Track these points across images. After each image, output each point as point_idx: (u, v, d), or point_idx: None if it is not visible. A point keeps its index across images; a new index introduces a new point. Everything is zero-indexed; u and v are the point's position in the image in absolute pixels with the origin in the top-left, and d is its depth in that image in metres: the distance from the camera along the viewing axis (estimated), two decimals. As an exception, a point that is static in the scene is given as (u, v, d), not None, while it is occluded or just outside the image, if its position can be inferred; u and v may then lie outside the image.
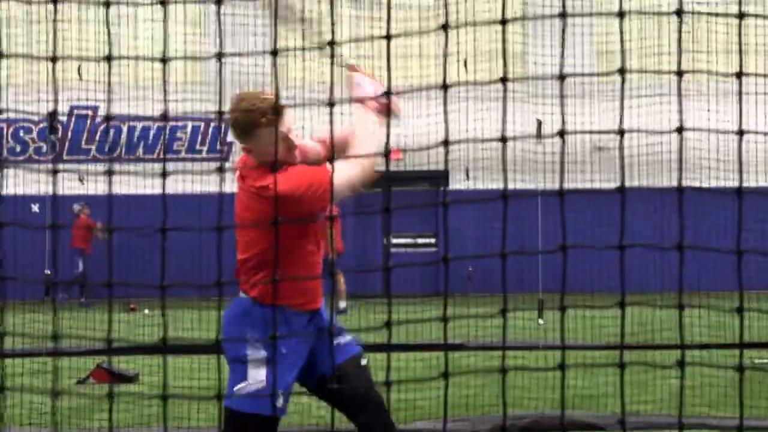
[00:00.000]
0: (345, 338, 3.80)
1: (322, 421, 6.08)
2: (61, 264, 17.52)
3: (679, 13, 2.81)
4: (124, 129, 19.00)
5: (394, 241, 19.39)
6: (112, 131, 18.85)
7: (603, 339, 9.59)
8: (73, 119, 18.98)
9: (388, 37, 2.56)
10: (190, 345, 8.59)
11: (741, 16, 2.82)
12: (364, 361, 3.76)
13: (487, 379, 7.20)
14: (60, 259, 17.56)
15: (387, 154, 2.91)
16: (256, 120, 3.62)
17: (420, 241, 19.43)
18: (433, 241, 19.44)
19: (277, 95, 3.47)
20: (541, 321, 11.68)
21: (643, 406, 6.49)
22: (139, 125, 18.83)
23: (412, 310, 12.34)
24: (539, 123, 16.48)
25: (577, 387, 7.01)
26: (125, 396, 6.64)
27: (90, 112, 18.85)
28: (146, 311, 14.97)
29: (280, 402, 3.58)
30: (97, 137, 19.09)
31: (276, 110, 3.60)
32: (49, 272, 17.31)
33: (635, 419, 6.00)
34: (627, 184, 16.24)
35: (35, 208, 17.82)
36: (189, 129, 19.18)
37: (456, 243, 17.33)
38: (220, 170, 2.93)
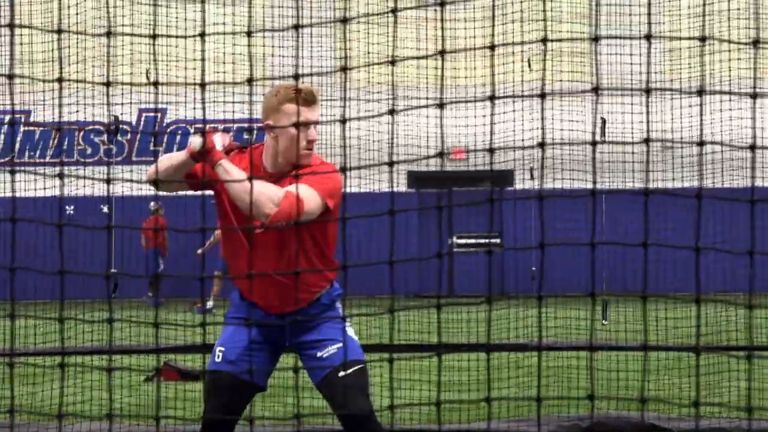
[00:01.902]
0: (327, 350, 3.83)
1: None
2: (130, 264, 17.83)
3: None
4: (191, 131, 19.29)
5: (459, 241, 19.36)
6: (179, 132, 19.15)
7: (670, 340, 9.47)
8: (142, 121, 19.33)
9: (426, 57, 2.58)
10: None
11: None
12: (342, 373, 3.78)
13: (550, 379, 7.18)
14: (129, 257, 17.87)
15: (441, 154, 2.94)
16: None
17: (484, 241, 19.38)
18: (498, 240, 19.37)
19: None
20: (604, 321, 11.60)
21: (712, 409, 6.40)
22: (206, 128, 19.10)
23: (475, 309, 12.31)
24: (603, 121, 16.34)
25: (643, 388, 6.94)
26: (192, 393, 6.76)
27: (158, 115, 19.17)
28: (213, 310, 15.19)
29: (216, 357, 3.93)
30: (165, 139, 19.41)
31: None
32: (114, 270, 17.63)
33: (703, 423, 5.93)
34: (695, 184, 16.01)
35: (105, 208, 18.18)
36: (256, 131, 19.40)
37: (521, 243, 17.25)
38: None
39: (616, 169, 14.58)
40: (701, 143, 2.77)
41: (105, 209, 18.20)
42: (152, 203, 17.52)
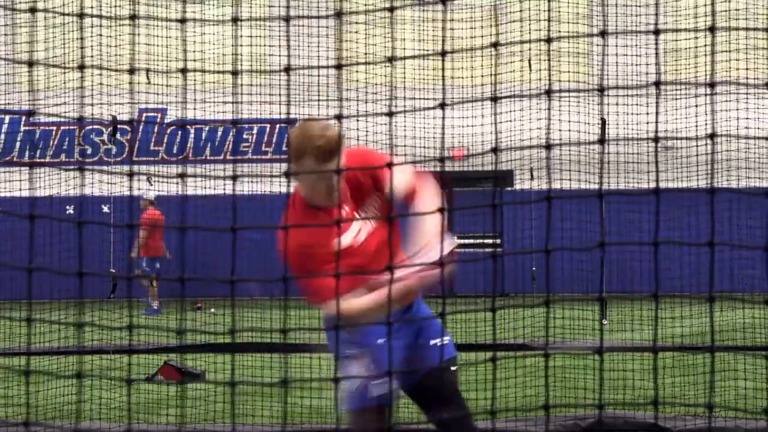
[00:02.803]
0: (445, 339, 3.85)
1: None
2: (126, 264, 17.85)
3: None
4: (192, 131, 19.30)
5: (459, 241, 19.37)
6: (180, 133, 19.17)
7: (669, 340, 9.49)
8: (142, 122, 19.34)
9: (443, 54, 2.60)
10: (257, 343, 8.71)
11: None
12: (454, 367, 3.82)
13: (549, 379, 7.17)
14: (123, 258, 17.90)
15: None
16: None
17: (485, 241, 19.38)
18: (498, 241, 19.37)
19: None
20: (605, 321, 11.60)
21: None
22: (206, 128, 19.11)
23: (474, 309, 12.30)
24: (603, 122, 16.36)
25: (642, 388, 6.97)
26: (192, 392, 6.77)
27: (158, 115, 19.19)
28: (212, 310, 15.20)
29: (374, 391, 3.57)
30: (166, 139, 19.43)
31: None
32: (114, 270, 17.63)
33: (699, 422, 5.94)
34: (695, 184, 16.04)
35: (105, 208, 18.18)
36: (255, 130, 19.41)
37: (520, 243, 17.27)
38: (287, 174, 2.99)
39: (615, 169, 14.57)
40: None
41: (106, 209, 18.21)
42: (142, 201, 17.41)
